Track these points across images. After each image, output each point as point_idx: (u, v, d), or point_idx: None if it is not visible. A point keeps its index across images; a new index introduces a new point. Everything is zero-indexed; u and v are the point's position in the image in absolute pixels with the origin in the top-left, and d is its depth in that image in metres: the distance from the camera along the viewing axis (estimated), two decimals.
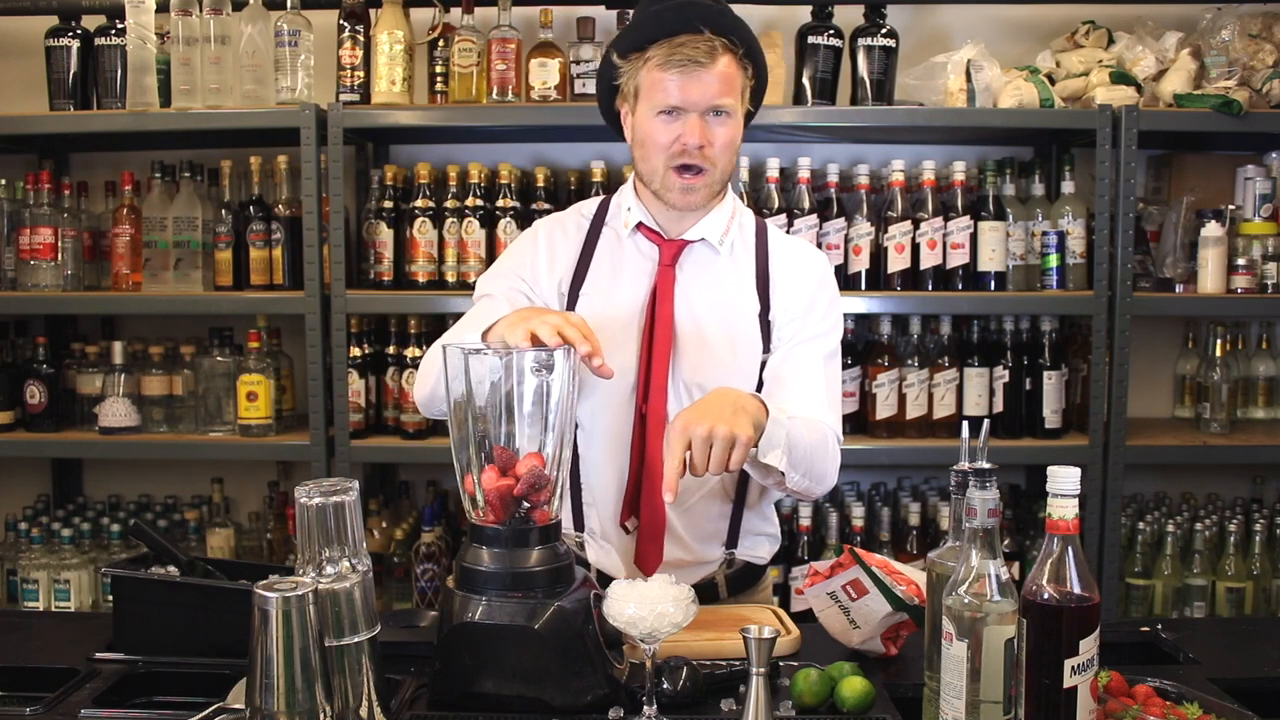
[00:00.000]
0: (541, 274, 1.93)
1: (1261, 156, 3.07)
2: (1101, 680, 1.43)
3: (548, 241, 1.96)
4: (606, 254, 1.93)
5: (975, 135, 3.15)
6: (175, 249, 3.00)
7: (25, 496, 3.31)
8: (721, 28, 1.78)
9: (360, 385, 2.96)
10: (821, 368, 1.89)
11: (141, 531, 1.88)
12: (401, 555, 3.04)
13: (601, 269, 1.92)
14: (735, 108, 1.80)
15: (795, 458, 1.72)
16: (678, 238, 1.90)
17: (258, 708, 1.24)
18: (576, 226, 1.98)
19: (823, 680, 1.50)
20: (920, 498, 3.11)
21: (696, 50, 1.75)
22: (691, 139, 1.78)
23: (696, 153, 1.79)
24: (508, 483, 1.48)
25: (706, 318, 1.88)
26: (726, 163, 1.83)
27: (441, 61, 2.95)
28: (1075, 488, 1.23)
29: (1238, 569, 2.92)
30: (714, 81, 1.76)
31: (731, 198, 1.95)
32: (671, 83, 1.77)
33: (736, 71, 1.79)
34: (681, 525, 1.90)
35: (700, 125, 1.78)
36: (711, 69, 1.76)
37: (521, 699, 1.45)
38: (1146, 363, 3.25)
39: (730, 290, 1.91)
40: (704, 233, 1.90)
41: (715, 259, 1.91)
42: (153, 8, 2.88)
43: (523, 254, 1.97)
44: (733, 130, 1.81)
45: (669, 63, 1.76)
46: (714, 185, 1.84)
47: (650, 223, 1.91)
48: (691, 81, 1.76)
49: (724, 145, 1.81)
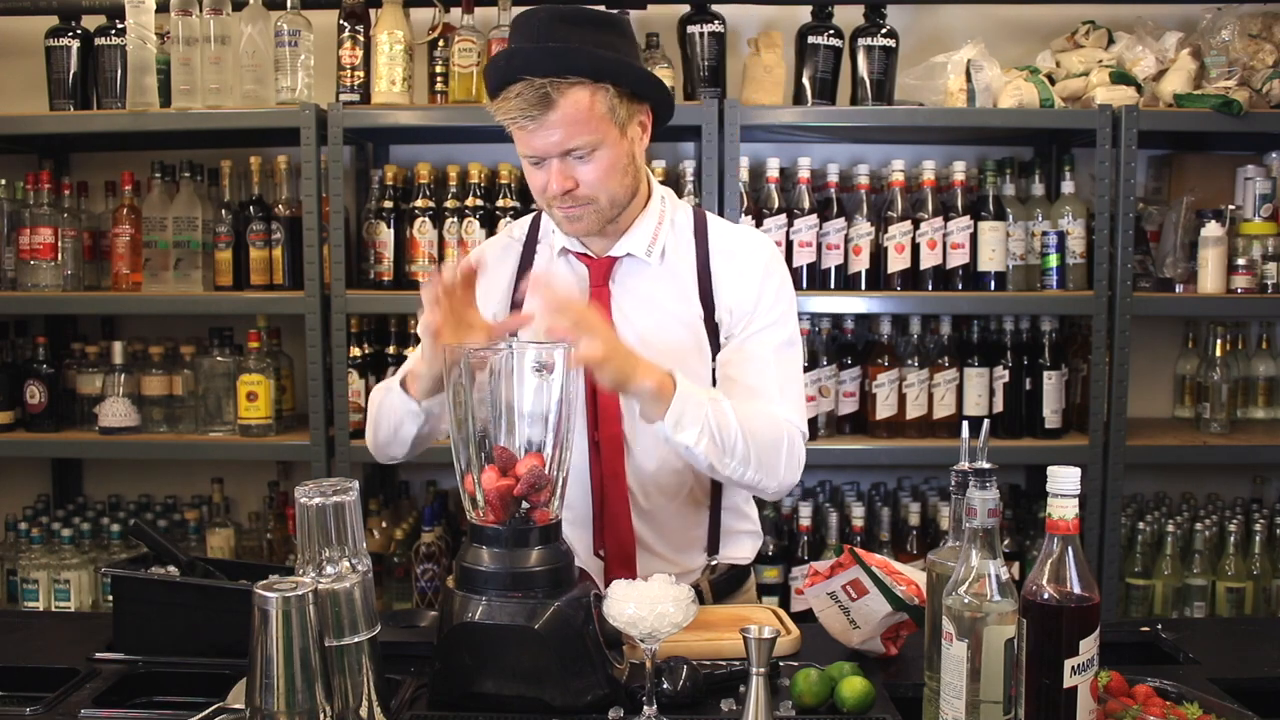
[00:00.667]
0: (479, 303, 1.87)
1: (1261, 156, 3.07)
2: (1101, 680, 1.43)
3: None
4: (541, 275, 1.88)
5: (975, 135, 3.15)
6: (175, 249, 3.00)
7: (25, 496, 3.31)
8: (554, 68, 1.66)
9: (360, 385, 2.95)
10: (772, 360, 1.82)
11: (141, 531, 1.88)
12: (401, 555, 3.04)
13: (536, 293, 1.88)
14: (598, 140, 1.70)
15: (725, 442, 1.67)
16: (605, 254, 1.85)
17: (258, 708, 1.24)
18: (505, 249, 1.94)
19: (823, 680, 1.50)
20: (920, 498, 3.11)
21: (528, 101, 1.65)
22: (554, 186, 1.71)
23: (565, 197, 1.73)
24: (508, 483, 1.48)
25: (648, 332, 1.82)
26: (612, 190, 1.75)
27: (441, 61, 2.95)
28: (1075, 488, 1.23)
29: (1238, 569, 2.92)
30: (557, 128, 1.67)
31: (659, 201, 1.87)
32: (520, 136, 1.70)
33: (589, 100, 1.67)
34: (659, 540, 1.88)
35: (561, 169, 1.71)
36: (550, 117, 1.66)
37: (521, 699, 1.45)
38: (1146, 363, 3.25)
39: (669, 300, 1.85)
40: (628, 248, 1.83)
41: (648, 270, 1.85)
42: (153, 8, 2.89)
43: None
44: (605, 161, 1.71)
45: (507, 120, 1.70)
46: (604, 212, 1.76)
47: (575, 245, 1.86)
48: (533, 135, 1.69)
49: (597, 180, 1.72)
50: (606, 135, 1.71)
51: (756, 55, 2.97)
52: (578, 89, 1.67)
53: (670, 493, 1.86)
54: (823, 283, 2.94)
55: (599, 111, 1.69)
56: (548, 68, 1.66)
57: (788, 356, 1.85)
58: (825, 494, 3.20)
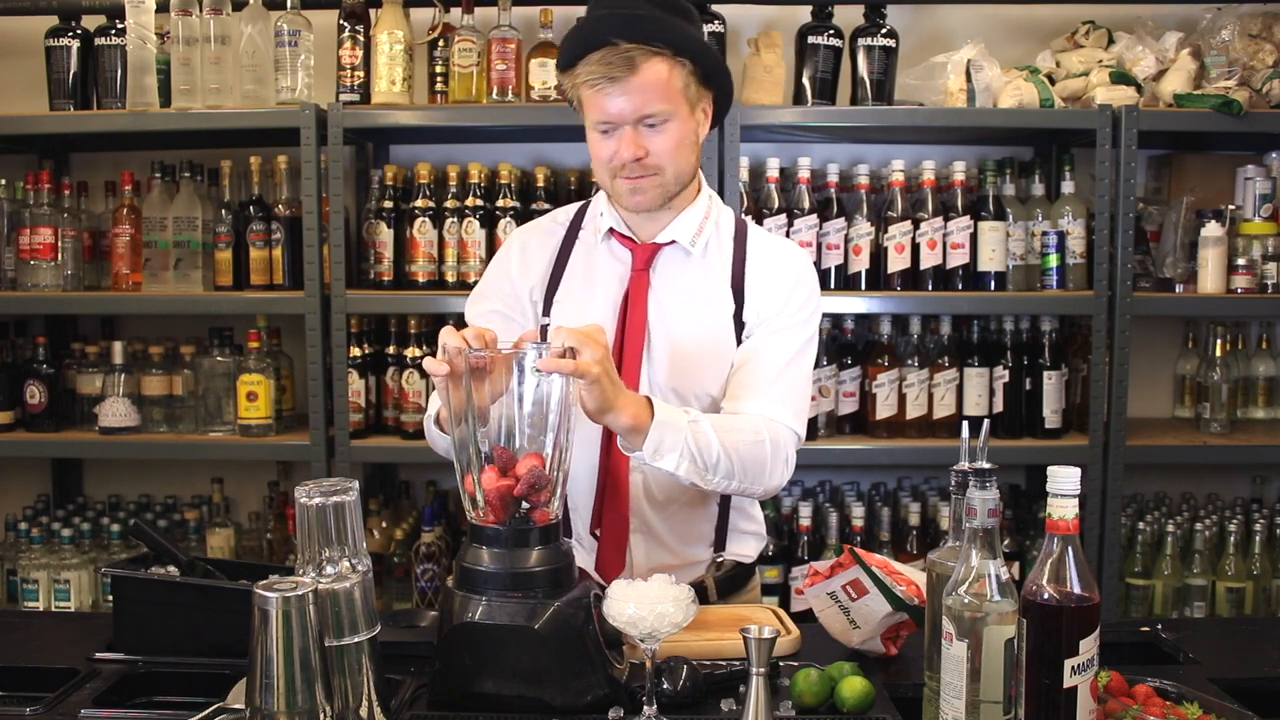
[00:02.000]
0: (518, 283, 1.93)
1: (1261, 156, 3.07)
2: (1101, 680, 1.43)
3: (521, 250, 1.96)
4: (581, 260, 1.92)
5: (975, 135, 3.15)
6: (175, 249, 3.00)
7: (25, 496, 3.31)
8: (642, 35, 1.71)
9: (360, 385, 2.96)
10: (783, 359, 1.85)
11: (141, 531, 1.88)
12: (401, 555, 3.04)
13: (575, 275, 1.91)
14: (671, 111, 1.75)
15: (707, 461, 1.70)
16: (649, 241, 1.88)
17: (258, 708, 1.24)
18: (549, 233, 1.97)
19: (823, 680, 1.50)
20: (920, 498, 3.11)
21: (612, 66, 1.70)
22: (625, 153, 1.75)
23: (634, 165, 1.76)
24: (508, 483, 1.48)
25: (680, 321, 1.86)
26: (679, 164, 1.80)
27: (441, 61, 2.95)
28: (1075, 488, 1.23)
29: (1238, 569, 2.92)
30: (637, 93, 1.72)
31: (707, 198, 1.92)
32: (597, 100, 1.74)
33: (668, 74, 1.73)
34: (666, 529, 1.89)
35: (633, 137, 1.75)
36: (632, 81, 1.71)
37: (521, 699, 1.45)
38: (1146, 363, 3.25)
39: (704, 292, 1.88)
40: (675, 235, 1.87)
41: (688, 261, 1.89)
42: (153, 8, 2.89)
43: (499, 266, 1.97)
44: (675, 134, 1.77)
45: (589, 81, 1.73)
46: (668, 185, 1.81)
47: (621, 227, 1.89)
48: (613, 98, 1.73)
49: (666, 151, 1.77)
50: (679, 109, 1.76)
51: (756, 55, 2.97)
52: (659, 59, 1.73)
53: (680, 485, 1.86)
54: (823, 283, 2.87)
55: (676, 85, 1.75)
56: (637, 33, 1.71)
57: (799, 360, 1.88)
58: (825, 494, 3.20)
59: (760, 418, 1.79)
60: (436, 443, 1.88)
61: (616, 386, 1.62)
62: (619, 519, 1.86)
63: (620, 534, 1.87)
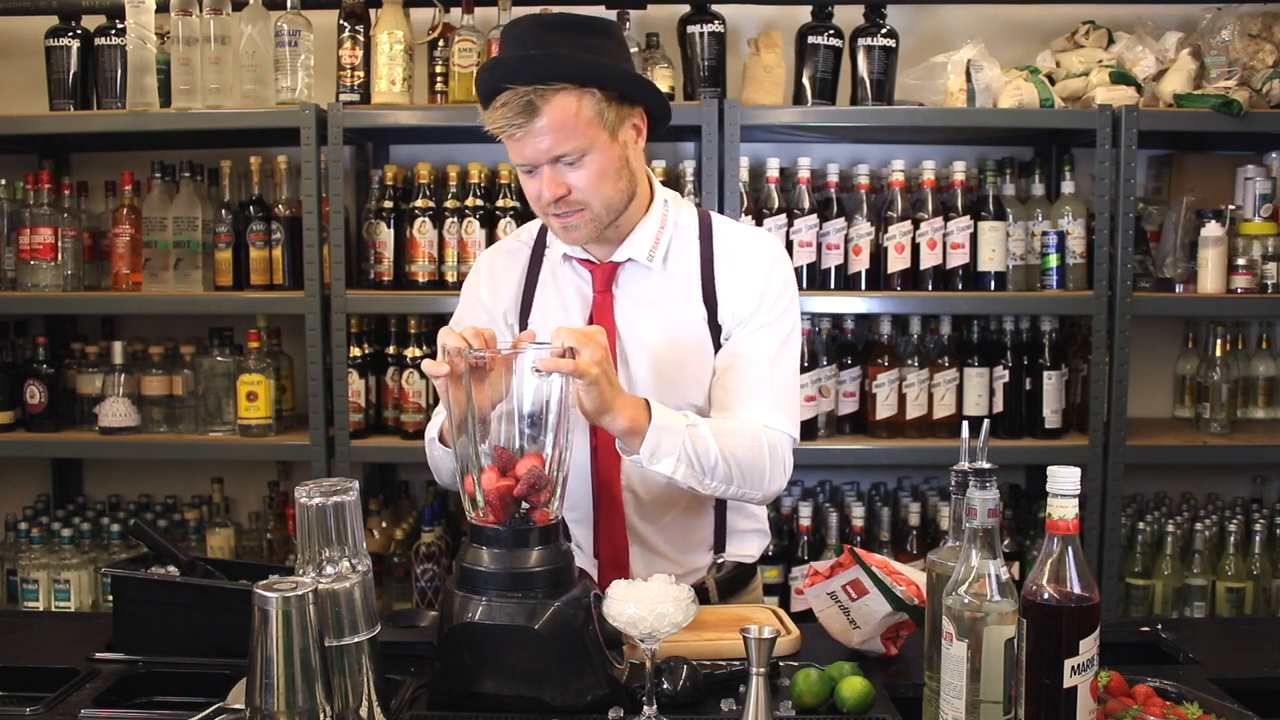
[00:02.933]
0: (491, 306, 1.91)
1: (1261, 156, 3.07)
2: (1101, 680, 1.43)
3: (489, 274, 1.95)
4: (549, 279, 1.90)
5: (975, 135, 3.15)
6: (175, 249, 3.00)
7: (25, 496, 3.31)
8: (536, 75, 1.65)
9: (360, 385, 2.96)
10: (766, 363, 1.81)
11: (141, 531, 1.88)
12: (401, 555, 3.04)
13: (546, 295, 1.89)
14: (587, 145, 1.69)
15: (705, 466, 1.69)
16: (607, 260, 1.85)
17: (258, 708, 1.24)
18: (514, 254, 1.95)
19: (823, 680, 1.50)
20: (920, 498, 3.11)
21: (513, 110, 1.65)
22: (547, 193, 1.71)
23: (559, 203, 1.73)
24: (508, 483, 1.48)
25: (651, 336, 1.84)
26: (606, 195, 1.74)
27: (441, 61, 2.95)
28: (1075, 488, 1.23)
29: (1238, 569, 2.92)
30: (545, 135, 1.66)
31: (661, 205, 1.86)
32: (510, 145, 1.71)
33: (575, 106, 1.66)
34: (664, 540, 1.89)
35: (552, 176, 1.70)
36: (535, 124, 1.66)
37: (521, 699, 1.45)
38: (1146, 363, 3.25)
39: (672, 304, 1.85)
40: (630, 253, 1.83)
41: (650, 275, 1.85)
42: (153, 8, 2.88)
43: (470, 292, 1.96)
44: (595, 166, 1.70)
45: (497, 129, 1.70)
46: (599, 217, 1.75)
47: (577, 251, 1.86)
48: (521, 144, 1.68)
49: (588, 185, 1.71)
50: (596, 140, 1.70)
51: (756, 55, 2.97)
52: (562, 95, 1.66)
53: (673, 496, 1.86)
54: (823, 283, 2.95)
55: (586, 116, 1.68)
56: (531, 74, 1.65)
57: (784, 357, 1.84)
58: (825, 494, 3.20)
59: (755, 424, 1.77)
60: (439, 463, 1.84)
61: (615, 388, 1.61)
62: (615, 537, 1.85)
63: (620, 553, 1.86)
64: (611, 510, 1.85)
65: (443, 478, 1.88)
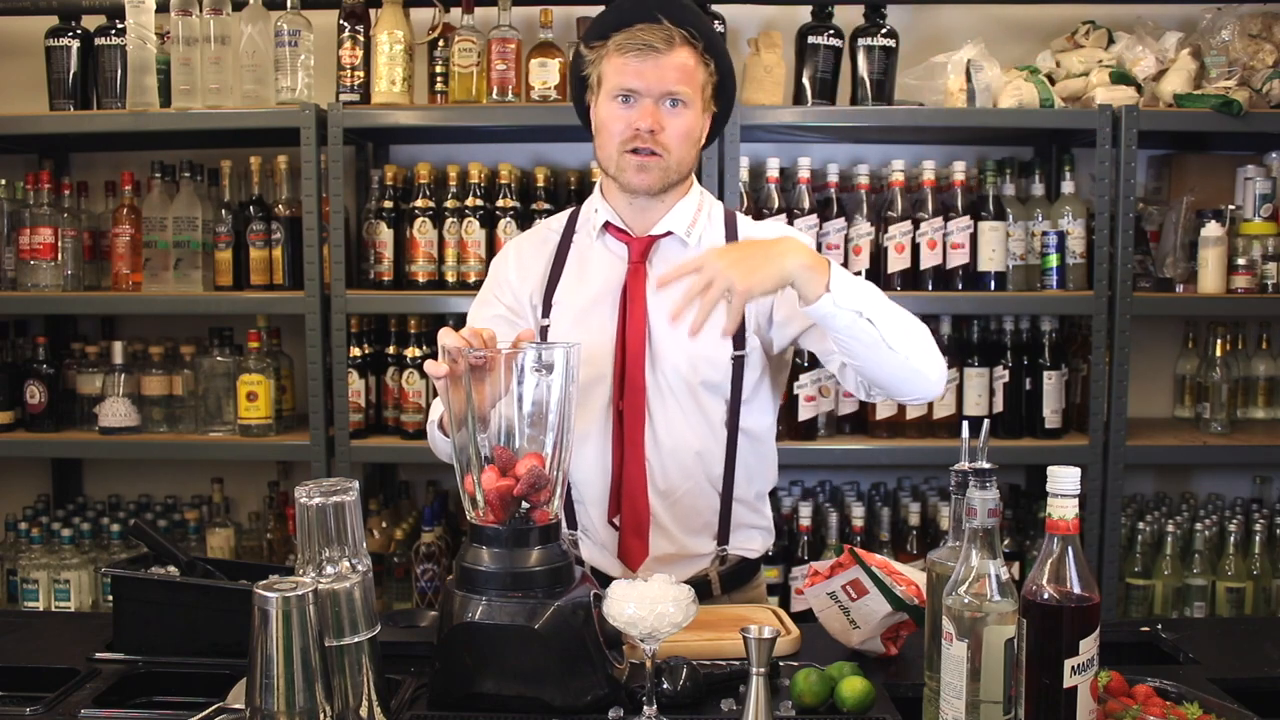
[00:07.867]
0: (518, 289, 1.95)
1: (1261, 156, 3.07)
2: (1101, 680, 1.43)
3: (517, 257, 1.99)
4: (576, 260, 1.94)
5: (975, 135, 3.15)
6: (175, 249, 3.00)
7: (25, 496, 3.31)
8: (681, 19, 1.79)
9: (360, 385, 2.96)
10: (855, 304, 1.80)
11: (141, 531, 1.88)
12: (401, 555, 3.04)
13: (571, 276, 1.93)
14: (692, 98, 1.81)
15: (886, 308, 1.68)
16: (645, 234, 1.90)
17: (258, 708, 1.24)
18: (544, 240, 2.00)
19: (823, 680, 1.50)
20: (920, 498, 3.11)
21: (653, 36, 1.77)
22: (644, 122, 1.78)
23: (648, 137, 1.79)
24: (508, 483, 1.48)
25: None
26: (683, 153, 1.83)
27: (441, 61, 2.95)
28: (1075, 488, 1.23)
29: (1238, 569, 2.92)
30: (670, 68, 1.78)
31: (698, 191, 1.95)
32: (628, 67, 1.78)
33: (695, 65, 1.81)
34: (670, 518, 1.90)
35: (654, 110, 1.79)
36: (668, 56, 1.78)
37: (521, 699, 1.45)
38: (1146, 363, 3.25)
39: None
40: (671, 225, 1.90)
41: (684, 252, 1.89)
42: (153, 8, 2.89)
43: (498, 274, 1.99)
44: (689, 121, 1.81)
45: (625, 47, 1.78)
46: (669, 171, 1.83)
47: (617, 221, 1.91)
48: (647, 66, 1.78)
49: (678, 134, 1.81)
50: (696, 100, 1.82)
51: (756, 55, 2.97)
52: (691, 50, 1.81)
53: (685, 471, 1.88)
54: None
55: (699, 79, 1.83)
56: (679, 17, 1.79)
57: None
58: (825, 494, 3.20)
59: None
60: (439, 447, 1.88)
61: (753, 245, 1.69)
62: (637, 502, 1.87)
63: (642, 517, 1.87)
64: (636, 475, 1.86)
65: (443, 455, 1.90)
